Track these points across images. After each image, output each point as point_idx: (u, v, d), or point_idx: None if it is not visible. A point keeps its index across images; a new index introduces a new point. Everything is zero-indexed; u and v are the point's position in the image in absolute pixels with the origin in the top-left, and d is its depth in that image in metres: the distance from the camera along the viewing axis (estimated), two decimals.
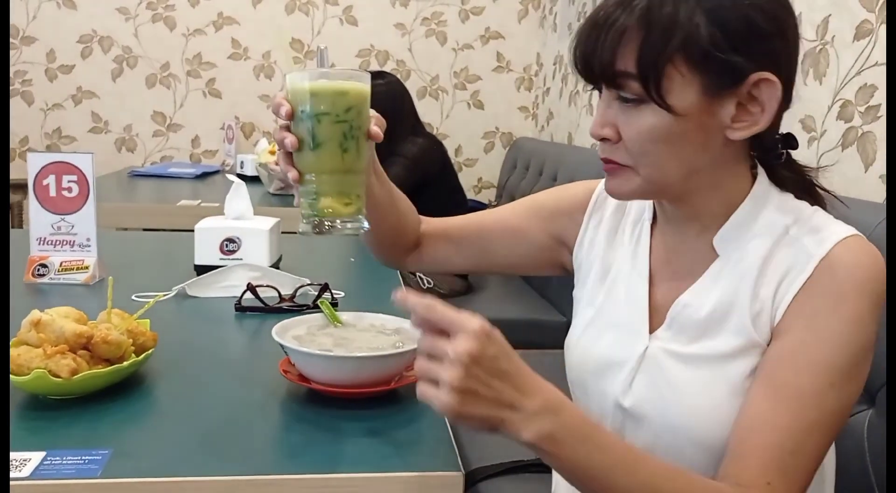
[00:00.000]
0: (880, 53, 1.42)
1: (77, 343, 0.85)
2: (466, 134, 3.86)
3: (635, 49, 0.72)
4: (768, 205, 0.81)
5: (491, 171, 3.85)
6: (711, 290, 0.81)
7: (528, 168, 3.16)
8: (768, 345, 0.77)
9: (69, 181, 1.37)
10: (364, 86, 0.85)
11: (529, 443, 0.64)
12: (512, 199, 3.30)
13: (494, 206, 3.58)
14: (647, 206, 0.92)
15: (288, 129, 0.83)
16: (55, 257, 1.37)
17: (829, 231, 0.77)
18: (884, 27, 1.41)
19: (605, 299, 0.92)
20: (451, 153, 3.73)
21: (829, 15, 1.58)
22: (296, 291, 1.26)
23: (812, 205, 0.82)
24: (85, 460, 0.71)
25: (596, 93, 0.81)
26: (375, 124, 0.87)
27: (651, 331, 0.85)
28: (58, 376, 0.81)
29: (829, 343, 0.73)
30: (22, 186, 3.06)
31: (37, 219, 1.37)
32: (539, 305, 2.47)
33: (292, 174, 0.83)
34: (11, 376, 0.81)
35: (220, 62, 3.68)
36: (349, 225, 0.82)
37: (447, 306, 0.64)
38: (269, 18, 3.66)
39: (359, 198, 0.83)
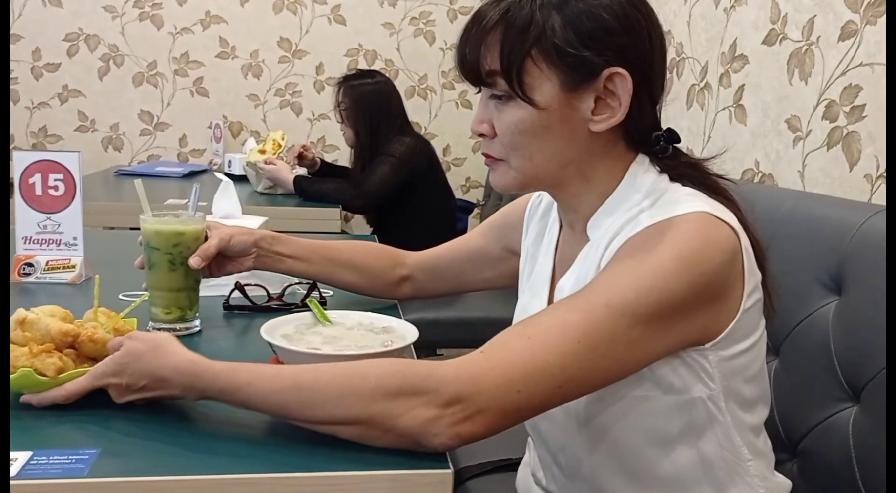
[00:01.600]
0: (865, 54, 1.43)
1: (63, 342, 0.85)
2: (454, 134, 3.86)
3: (497, 48, 0.80)
4: (639, 190, 0.85)
5: (479, 170, 3.85)
6: (574, 271, 0.87)
7: None
8: None
9: (55, 180, 1.36)
10: (195, 228, 1.10)
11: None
12: (500, 198, 3.31)
13: (482, 205, 3.59)
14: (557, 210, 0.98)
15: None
16: (41, 256, 1.36)
17: (677, 207, 0.79)
18: (868, 28, 1.42)
19: (526, 295, 1.00)
20: (439, 153, 3.73)
21: (815, 16, 1.59)
22: (284, 289, 1.26)
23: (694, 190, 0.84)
24: (72, 459, 0.71)
25: None
26: (198, 255, 1.08)
27: None
28: (43, 375, 0.80)
29: (611, 275, 0.76)
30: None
31: (22, 218, 1.36)
32: None
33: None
34: None
35: (207, 61, 3.66)
36: (178, 327, 1.09)
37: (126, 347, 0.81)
38: (256, 17, 3.64)
39: (180, 309, 1.09)
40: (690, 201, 0.80)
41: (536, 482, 1.01)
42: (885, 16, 1.39)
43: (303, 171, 2.96)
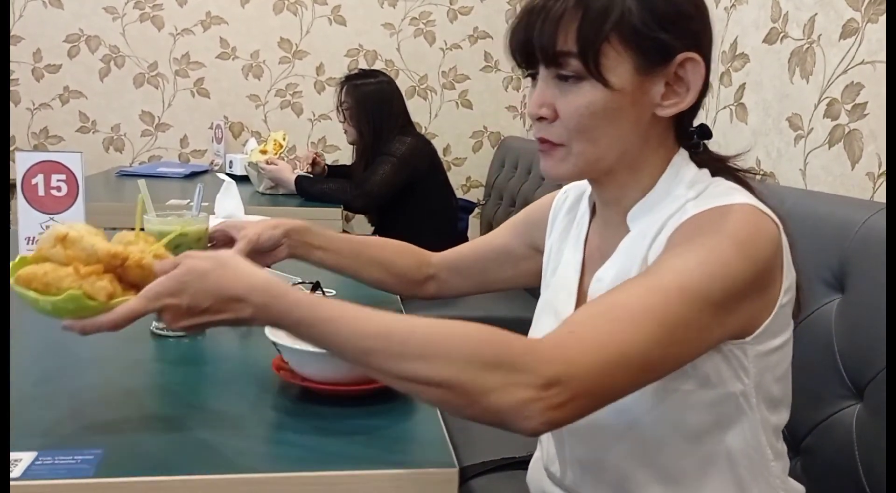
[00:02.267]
0: (866, 52, 1.43)
1: (110, 265, 0.75)
2: (455, 133, 3.86)
3: (574, 29, 0.79)
4: (681, 183, 0.85)
5: (479, 170, 3.85)
6: (615, 262, 0.86)
7: (516, 167, 3.17)
8: None
9: (58, 180, 1.36)
10: (197, 228, 1.09)
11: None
12: (500, 198, 3.31)
13: (483, 205, 3.59)
14: (587, 202, 0.98)
15: None
16: None
17: (723, 198, 0.80)
18: (870, 26, 1.42)
19: (551, 290, 0.99)
20: (439, 153, 3.73)
21: (816, 14, 1.59)
22: None
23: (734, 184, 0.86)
24: (77, 460, 0.71)
25: None
26: None
27: None
28: (93, 300, 0.72)
29: (678, 259, 0.74)
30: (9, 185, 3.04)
31: (25, 218, 1.36)
32: (531, 304, 2.47)
33: None
34: (34, 295, 0.72)
35: (208, 62, 3.66)
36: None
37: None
38: (257, 18, 3.64)
39: None
40: (734, 194, 0.81)
41: (550, 476, 1.00)
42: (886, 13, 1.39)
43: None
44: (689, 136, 0.89)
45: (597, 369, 0.68)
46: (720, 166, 0.89)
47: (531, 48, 0.82)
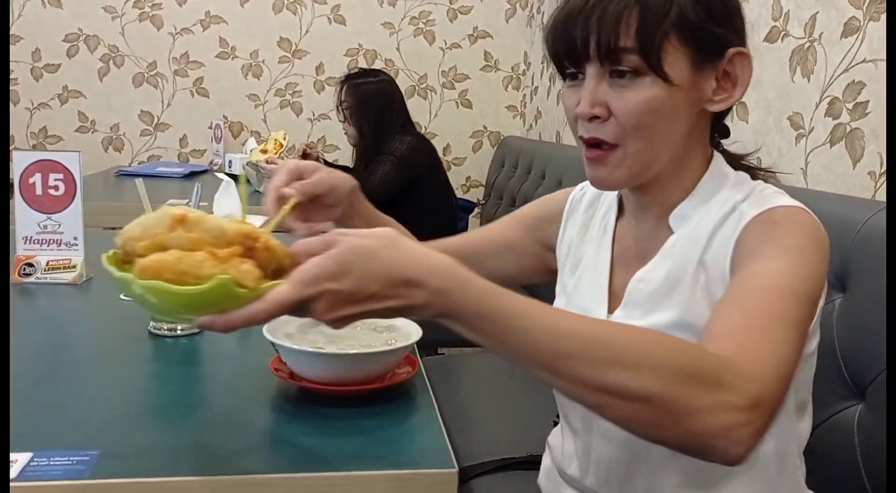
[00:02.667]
0: (868, 50, 1.43)
1: (243, 247, 0.62)
2: (455, 133, 3.85)
3: (634, 24, 0.77)
4: (726, 183, 0.85)
5: (479, 170, 3.85)
6: (663, 263, 0.84)
7: (516, 167, 3.17)
8: None
9: (55, 180, 1.35)
10: None
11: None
12: (500, 198, 3.31)
13: (483, 204, 3.58)
14: (613, 199, 0.96)
15: None
16: (42, 257, 1.36)
17: (773, 201, 0.80)
18: (871, 24, 1.42)
19: (573, 287, 0.96)
20: (439, 152, 3.73)
21: (817, 12, 1.58)
22: None
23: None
24: (73, 461, 0.70)
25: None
26: (298, 189, 0.89)
27: (610, 312, 0.88)
28: (242, 287, 0.59)
29: (777, 261, 0.72)
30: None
31: (23, 218, 1.36)
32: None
33: None
34: (172, 288, 0.58)
35: (207, 61, 3.66)
36: (179, 325, 1.06)
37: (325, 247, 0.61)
38: (256, 17, 3.64)
39: None
40: (783, 198, 0.80)
41: (566, 477, 0.97)
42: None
43: None
44: (724, 134, 0.89)
45: (781, 385, 0.63)
46: (747, 168, 0.89)
47: (583, 45, 0.79)
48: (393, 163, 2.58)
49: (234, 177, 1.81)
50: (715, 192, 0.84)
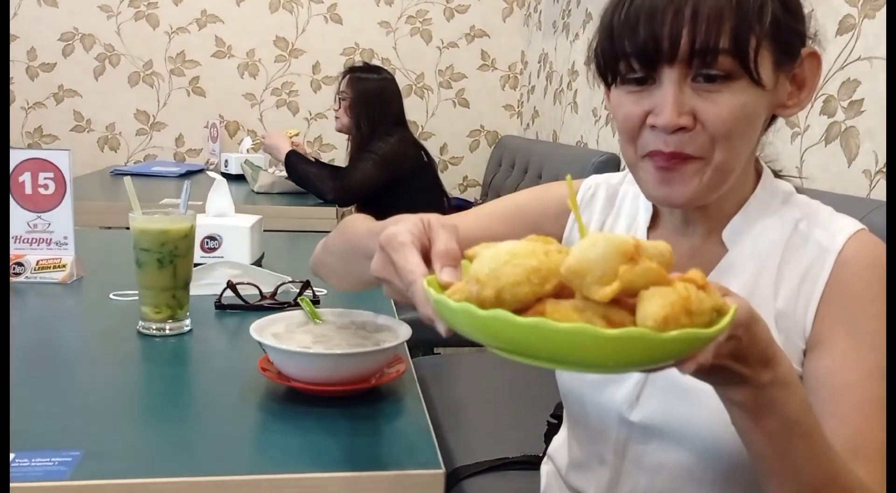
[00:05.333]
0: (864, 48, 1.42)
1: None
2: (452, 132, 3.85)
3: (730, 25, 0.69)
4: (774, 196, 0.81)
5: (476, 169, 3.84)
6: (727, 283, 0.75)
7: (513, 166, 3.16)
8: (804, 354, 0.75)
9: (45, 178, 1.34)
10: (182, 226, 1.08)
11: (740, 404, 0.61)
12: (497, 197, 3.28)
13: (480, 204, 3.57)
14: (641, 208, 0.89)
15: None
16: (31, 256, 1.34)
17: (837, 226, 0.77)
18: (866, 22, 1.41)
19: None
20: (436, 151, 3.72)
21: (812, 10, 1.57)
22: (277, 288, 1.25)
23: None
24: (54, 462, 0.69)
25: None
26: (445, 264, 0.78)
27: None
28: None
29: (875, 345, 0.72)
30: None
31: (12, 216, 1.35)
32: None
33: None
34: (700, 333, 0.46)
35: (203, 60, 3.65)
36: (168, 326, 1.08)
37: None
38: (252, 16, 3.63)
39: (170, 308, 1.08)
40: (839, 216, 0.78)
41: (574, 489, 0.94)
42: (884, 9, 1.37)
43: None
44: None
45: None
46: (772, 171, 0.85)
47: (671, 43, 0.70)
48: (375, 161, 2.60)
49: (229, 176, 1.80)
50: (767, 205, 0.80)
